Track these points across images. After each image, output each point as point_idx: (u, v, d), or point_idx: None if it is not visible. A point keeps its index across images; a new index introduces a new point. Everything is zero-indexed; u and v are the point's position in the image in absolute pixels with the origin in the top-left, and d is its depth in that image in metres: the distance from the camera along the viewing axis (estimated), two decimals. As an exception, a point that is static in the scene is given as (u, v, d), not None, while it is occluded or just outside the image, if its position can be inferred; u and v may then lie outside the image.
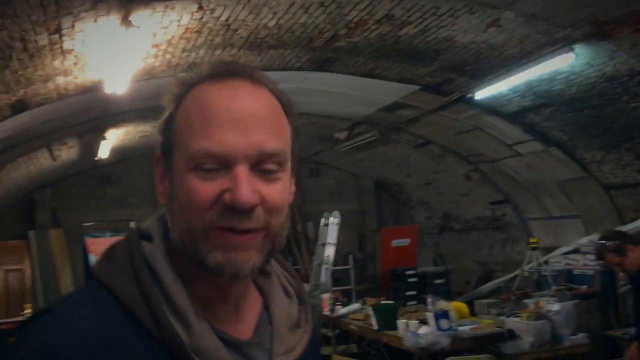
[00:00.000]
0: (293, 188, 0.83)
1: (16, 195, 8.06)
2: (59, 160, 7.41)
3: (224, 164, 0.72)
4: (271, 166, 0.74)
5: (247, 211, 0.72)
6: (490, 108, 6.18)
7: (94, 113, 5.81)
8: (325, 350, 6.20)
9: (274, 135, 0.75)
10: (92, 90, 4.77)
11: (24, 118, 4.85)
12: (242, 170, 0.72)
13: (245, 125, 0.73)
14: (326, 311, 6.35)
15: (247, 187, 0.71)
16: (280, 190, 0.76)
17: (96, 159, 7.85)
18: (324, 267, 7.13)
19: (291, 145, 0.80)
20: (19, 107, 4.57)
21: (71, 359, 0.70)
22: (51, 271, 8.23)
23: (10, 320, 5.62)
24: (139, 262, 0.78)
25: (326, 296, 6.53)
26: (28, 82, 4.16)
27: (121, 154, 8.15)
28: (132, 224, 9.49)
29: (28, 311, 7.55)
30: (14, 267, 7.98)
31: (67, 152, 7.33)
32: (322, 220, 7.83)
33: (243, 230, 0.73)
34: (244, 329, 0.83)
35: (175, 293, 0.76)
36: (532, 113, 6.01)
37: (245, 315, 0.84)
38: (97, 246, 10.75)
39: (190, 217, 0.74)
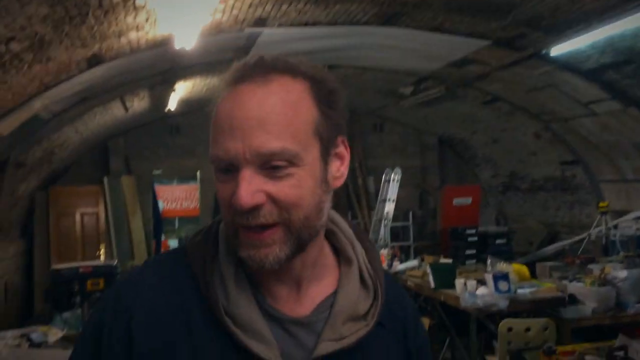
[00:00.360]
0: (341, 170, 0.85)
1: (92, 143, 8.49)
2: (131, 111, 7.71)
3: (233, 167, 0.78)
4: (278, 163, 0.77)
5: (248, 211, 0.77)
6: (566, 64, 5.88)
7: (163, 66, 5.96)
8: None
9: (276, 135, 0.76)
10: (162, 44, 4.89)
11: (99, 71, 5.04)
12: (243, 173, 0.77)
13: (243, 130, 0.77)
14: (384, 266, 6.43)
15: (244, 190, 0.76)
16: (292, 185, 0.78)
17: (166, 110, 8.11)
18: (383, 222, 7.19)
19: (316, 130, 0.80)
20: (95, 61, 4.75)
21: (131, 306, 0.83)
22: (123, 215, 8.71)
23: (87, 264, 6.05)
24: (210, 238, 0.88)
25: (384, 252, 6.60)
26: (103, 38, 4.31)
27: (189, 106, 8.37)
28: (198, 173, 9.84)
29: (102, 252, 8.09)
30: (89, 210, 8.48)
31: (139, 103, 7.60)
32: (384, 177, 7.84)
33: (258, 226, 0.78)
34: (301, 308, 0.87)
35: (224, 266, 0.85)
36: (611, 70, 5.67)
37: (307, 296, 0.88)
38: (165, 193, 11.28)
39: (223, 215, 0.83)
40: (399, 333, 0.94)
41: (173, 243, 10.65)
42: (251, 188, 0.76)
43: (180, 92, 7.36)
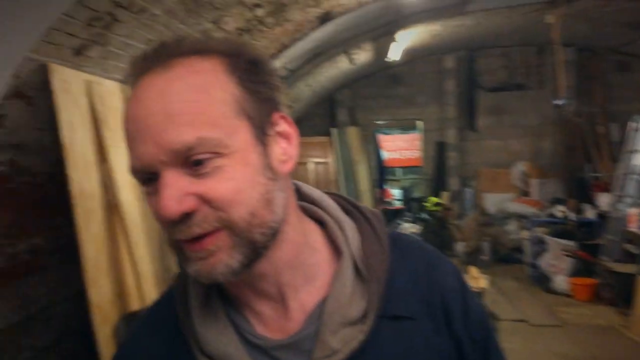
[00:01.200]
0: (289, 152, 0.72)
1: (321, 96, 8.99)
2: (355, 63, 7.92)
3: (153, 175, 0.66)
4: (200, 157, 0.64)
5: (179, 221, 0.65)
6: None
7: (388, 18, 5.95)
8: (629, 268, 5.66)
9: (187, 125, 0.63)
10: (388, -5, 4.86)
11: (328, 28, 5.24)
12: (162, 180, 0.65)
13: (150, 129, 0.64)
14: (635, 227, 5.70)
15: (167, 197, 0.64)
16: (223, 179, 0.65)
17: (388, 60, 8.15)
18: (632, 177, 6.33)
19: (241, 109, 0.67)
20: (325, 18, 4.94)
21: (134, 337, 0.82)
22: (350, 165, 9.15)
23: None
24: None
25: (634, 210, 5.83)
26: (333, -5, 4.43)
27: (410, 54, 8.29)
28: (419, 123, 9.79)
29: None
30: (321, 160, 9.08)
31: (363, 55, 7.76)
32: (633, 124, 6.86)
33: (194, 238, 0.66)
34: (291, 323, 0.75)
35: (191, 296, 0.76)
36: None
37: (297, 306, 0.75)
38: (388, 143, 11.50)
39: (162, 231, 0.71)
40: (439, 322, 0.77)
41: (395, 192, 10.91)
42: (175, 193, 0.64)
43: (403, 41, 7.30)
